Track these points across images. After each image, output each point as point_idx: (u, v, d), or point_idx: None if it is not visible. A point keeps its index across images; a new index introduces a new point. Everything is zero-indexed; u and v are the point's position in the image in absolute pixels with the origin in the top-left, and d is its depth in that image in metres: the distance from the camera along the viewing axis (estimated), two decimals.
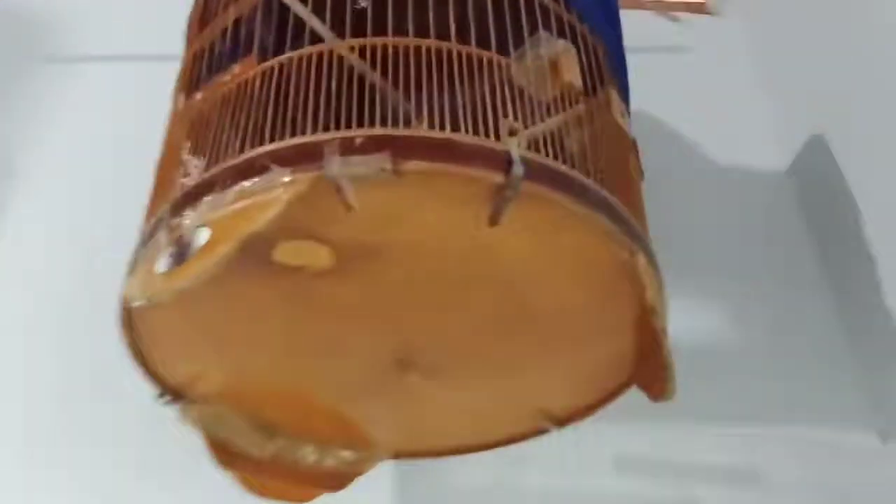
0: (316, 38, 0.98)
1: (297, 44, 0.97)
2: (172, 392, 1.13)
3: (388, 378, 1.10)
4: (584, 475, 1.43)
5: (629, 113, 1.17)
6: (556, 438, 1.29)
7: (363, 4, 1.22)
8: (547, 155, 0.90)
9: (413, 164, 0.82)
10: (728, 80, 2.13)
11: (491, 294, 0.98)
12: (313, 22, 0.98)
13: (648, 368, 1.07)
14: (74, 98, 1.98)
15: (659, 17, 2.32)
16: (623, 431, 1.46)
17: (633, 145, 1.11)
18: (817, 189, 1.82)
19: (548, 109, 0.98)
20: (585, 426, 1.27)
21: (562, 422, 1.22)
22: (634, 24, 2.13)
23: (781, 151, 1.96)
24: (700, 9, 2.38)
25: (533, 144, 0.90)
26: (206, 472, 1.21)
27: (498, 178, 0.84)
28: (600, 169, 0.96)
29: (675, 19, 2.31)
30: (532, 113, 0.95)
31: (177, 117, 1.05)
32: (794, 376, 1.57)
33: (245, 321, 1.02)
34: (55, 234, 1.75)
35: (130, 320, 0.98)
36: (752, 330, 1.66)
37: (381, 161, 0.82)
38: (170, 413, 1.15)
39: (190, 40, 1.15)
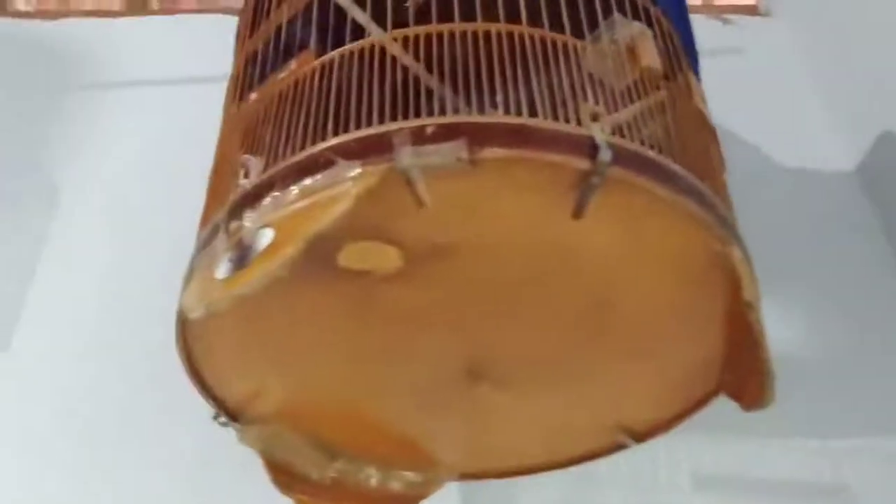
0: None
1: (356, 36, 0.92)
2: (230, 412, 1.07)
3: (456, 389, 1.03)
4: (660, 493, 1.34)
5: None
6: (630, 455, 1.21)
7: None
8: (632, 140, 0.83)
9: (490, 152, 0.76)
10: (783, 80, 2.06)
11: (570, 294, 0.91)
12: (356, 14, 0.92)
13: (739, 374, 0.99)
14: (115, 124, 1.95)
15: (710, 20, 2.26)
16: (699, 446, 1.37)
17: (714, 134, 1.03)
18: (883, 188, 1.74)
19: (628, 94, 0.91)
20: (659, 441, 1.19)
21: (641, 436, 1.14)
22: None
23: (847, 150, 1.87)
24: (751, 10, 2.31)
25: (616, 130, 0.83)
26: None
27: (583, 164, 0.77)
28: (685, 154, 0.88)
29: (726, 21, 2.25)
30: (612, 98, 0.88)
31: (229, 124, 1.00)
32: (868, 384, 1.48)
33: (306, 330, 0.95)
34: (104, 256, 1.71)
35: (186, 334, 0.92)
36: (828, 336, 1.57)
37: (456, 149, 0.75)
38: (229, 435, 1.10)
39: (240, 46, 1.11)
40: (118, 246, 1.71)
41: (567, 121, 0.81)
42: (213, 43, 2.04)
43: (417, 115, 0.80)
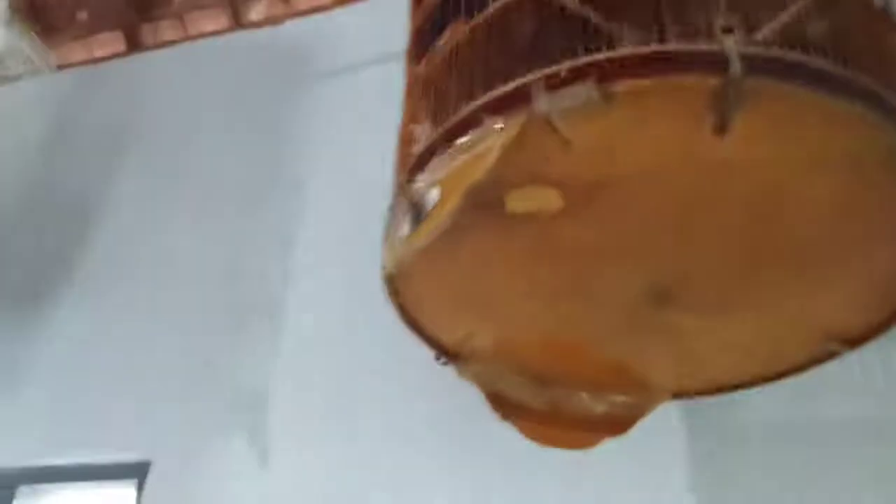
0: None
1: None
2: (449, 353, 1.20)
3: (646, 314, 1.08)
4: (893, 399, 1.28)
5: None
6: (857, 359, 1.17)
7: None
8: (780, 46, 0.82)
9: (619, 86, 0.80)
10: None
11: (739, 213, 0.92)
12: None
13: None
14: (344, 110, 2.16)
15: None
16: None
17: (891, 23, 0.96)
18: None
19: None
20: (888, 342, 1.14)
21: (855, 342, 1.10)
22: None
23: None
24: None
25: (754, 36, 0.82)
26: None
27: (713, 80, 0.78)
28: (850, 52, 0.85)
29: None
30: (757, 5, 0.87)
31: (407, 91, 1.11)
32: None
33: (496, 274, 1.05)
34: (346, 230, 1.93)
35: (395, 288, 1.06)
36: None
37: (586, 90, 0.80)
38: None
39: (412, 15, 1.21)
40: (364, 219, 1.90)
41: (699, 36, 0.81)
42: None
43: (554, 61, 0.85)
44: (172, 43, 2.62)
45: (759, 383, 1.20)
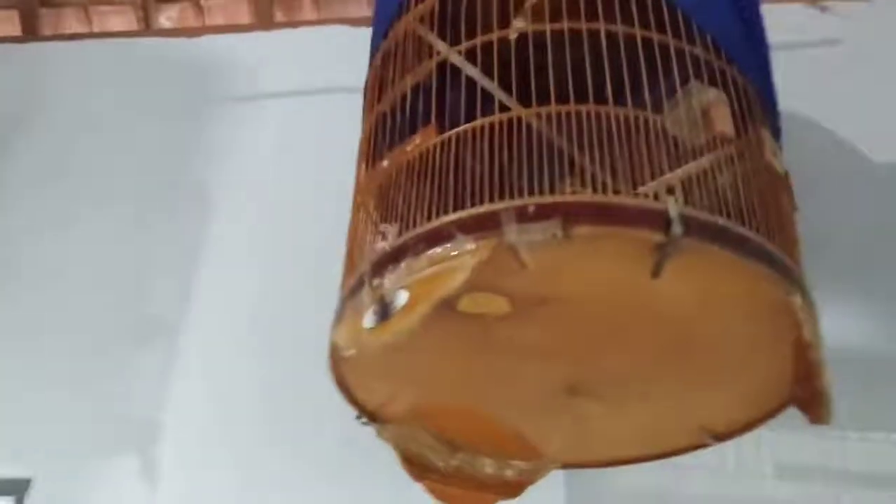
0: (491, 107, 1.09)
1: (472, 111, 1.09)
2: (370, 414, 1.30)
3: (558, 401, 1.22)
4: (744, 481, 1.50)
5: (781, 144, 1.22)
6: (718, 447, 1.37)
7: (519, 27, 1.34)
8: (704, 205, 0.98)
9: (580, 229, 0.93)
10: (882, 71, 2.07)
11: (654, 331, 1.08)
12: (497, 92, 1.10)
13: (807, 391, 1.13)
14: (257, 133, 2.19)
15: (807, 9, 2.28)
16: (782, 439, 1.52)
17: (786, 180, 1.16)
18: None
19: (701, 153, 1.06)
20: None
21: (722, 437, 1.30)
22: (782, 18, 2.14)
23: None
24: None
25: (690, 196, 0.98)
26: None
27: (658, 236, 0.93)
28: (754, 211, 1.03)
29: (824, 9, 2.27)
30: (687, 161, 1.03)
31: (364, 181, 1.20)
32: None
33: (434, 357, 1.16)
34: (248, 255, 1.97)
35: (337, 360, 1.14)
36: None
37: (552, 227, 0.93)
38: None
39: (369, 106, 1.30)
40: (267, 245, 1.95)
41: (646, 195, 0.96)
42: (333, 53, 2.28)
43: (521, 193, 0.98)
44: (76, 37, 2.54)
45: (640, 461, 1.37)
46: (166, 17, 2.62)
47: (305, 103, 2.22)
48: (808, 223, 1.26)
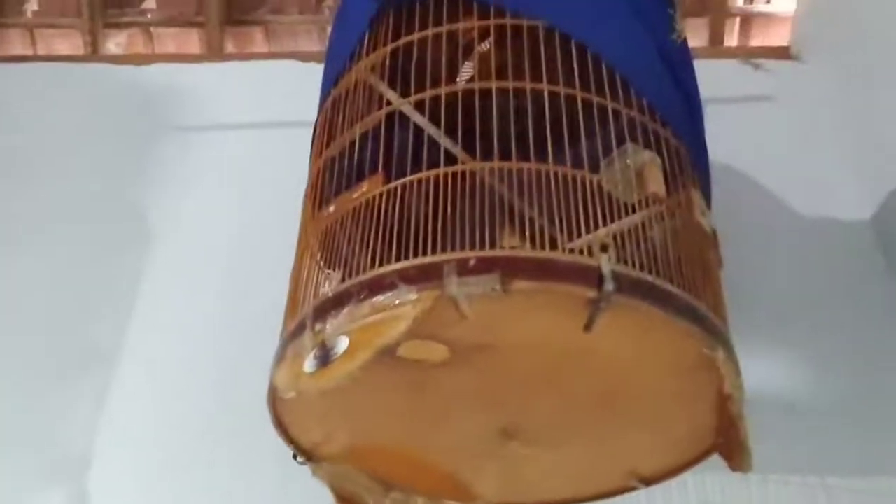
0: (437, 156, 1.13)
1: (419, 161, 1.13)
2: (306, 453, 1.31)
3: (493, 445, 1.25)
4: None
5: (710, 204, 1.29)
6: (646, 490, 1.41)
7: (467, 76, 1.39)
8: (635, 262, 1.03)
9: (518, 284, 0.97)
10: (811, 127, 2.18)
11: (586, 380, 1.12)
12: (449, 145, 1.14)
13: (728, 441, 1.19)
14: (200, 165, 2.19)
15: (742, 66, 2.39)
16: (708, 482, 1.57)
17: (714, 238, 1.22)
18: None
19: (634, 211, 1.11)
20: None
21: (649, 481, 1.34)
22: (717, 73, 2.25)
23: (865, 200, 2.01)
24: (783, 54, 2.44)
25: (622, 253, 1.03)
26: None
27: (591, 293, 0.98)
28: (682, 268, 1.08)
29: (757, 66, 2.38)
30: (621, 218, 1.09)
31: (310, 224, 1.23)
32: (879, 431, 1.64)
33: (371, 399, 1.18)
34: (191, 288, 1.96)
35: (276, 400, 1.16)
36: (834, 381, 1.73)
37: (491, 281, 0.97)
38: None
39: (317, 150, 1.32)
40: (209, 277, 1.95)
41: (581, 251, 1.01)
42: (283, 87, 2.31)
43: (463, 246, 1.01)
44: (20, 59, 2.51)
45: (571, 503, 1.41)
46: (115, 43, 2.61)
47: (253, 136, 2.24)
48: (735, 275, 1.32)
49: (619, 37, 1.25)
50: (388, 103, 1.26)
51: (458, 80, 1.41)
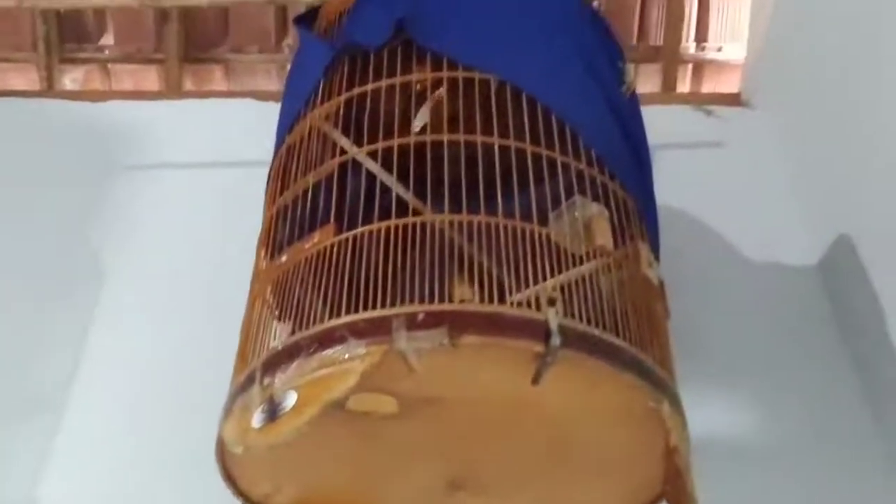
0: (388, 207, 1.14)
1: (370, 212, 1.14)
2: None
3: (441, 495, 1.25)
4: None
5: (658, 254, 1.31)
6: None
7: (420, 125, 1.41)
8: (582, 315, 1.04)
9: (467, 338, 0.98)
10: (761, 174, 2.22)
11: (536, 431, 1.13)
12: (406, 195, 1.15)
13: (675, 490, 1.20)
14: (156, 203, 2.17)
15: (694, 112, 2.44)
16: None
17: (661, 289, 1.24)
18: (844, 286, 1.92)
19: (581, 264, 1.13)
20: None
21: None
22: (668, 120, 2.30)
23: (812, 247, 2.05)
24: (734, 100, 2.50)
25: (569, 307, 1.04)
26: None
27: (538, 347, 0.99)
28: (629, 321, 1.10)
29: (709, 113, 2.43)
30: (568, 270, 1.10)
31: (261, 274, 1.22)
32: (826, 477, 1.66)
33: (320, 451, 1.17)
34: (142, 331, 1.93)
35: (224, 455, 1.14)
36: (781, 427, 1.76)
37: (440, 336, 0.98)
38: None
39: (271, 196, 1.33)
40: (161, 320, 1.92)
41: (529, 305, 1.02)
42: (241, 126, 2.30)
43: (413, 299, 1.02)
44: None
45: None
46: (71, 79, 2.59)
47: (209, 175, 2.22)
48: (683, 321, 1.34)
49: (570, 90, 1.28)
50: (343, 152, 1.27)
51: (412, 126, 1.42)
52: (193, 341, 1.83)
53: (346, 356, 0.99)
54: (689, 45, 2.54)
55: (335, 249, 1.12)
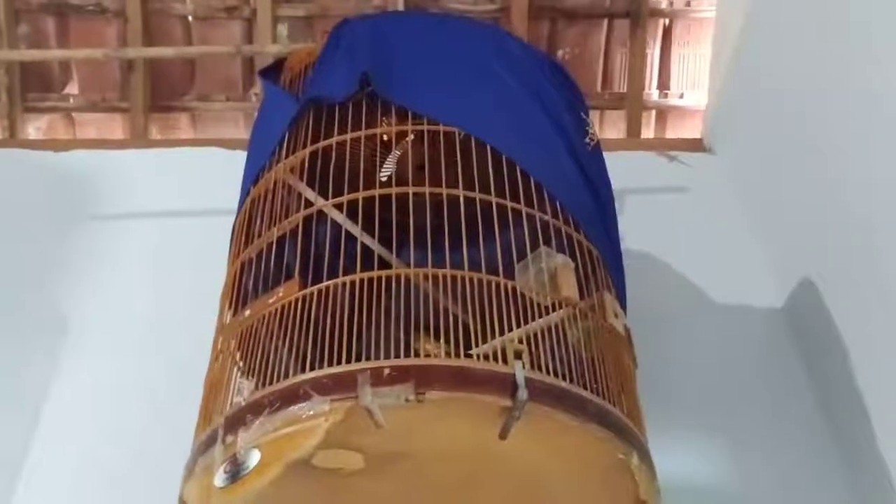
0: (354, 258, 1.13)
1: (336, 265, 1.13)
2: None
3: None
4: None
5: (624, 302, 1.32)
6: None
7: (386, 176, 1.41)
8: (549, 367, 1.04)
9: (433, 393, 0.97)
10: (724, 218, 2.26)
11: (502, 484, 1.12)
12: (365, 239, 1.14)
13: None
14: (121, 253, 2.15)
15: (658, 157, 2.48)
16: None
17: (627, 338, 1.25)
18: (809, 328, 1.94)
19: (548, 315, 1.13)
20: None
21: None
22: (634, 166, 2.33)
23: (777, 290, 2.07)
24: (697, 146, 2.55)
25: (536, 359, 1.04)
26: None
27: (505, 401, 0.98)
28: (595, 372, 1.10)
29: (672, 158, 2.47)
30: (534, 321, 1.10)
31: (225, 328, 1.21)
32: None
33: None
34: (105, 385, 1.89)
35: None
36: (750, 474, 1.75)
37: (405, 391, 0.97)
38: None
39: (235, 249, 1.32)
40: (124, 371, 1.88)
41: (496, 357, 1.01)
42: (207, 174, 2.29)
43: (378, 354, 1.01)
44: None
45: None
46: (34, 128, 2.57)
47: (174, 225, 2.20)
48: (650, 366, 1.35)
49: (534, 143, 1.29)
50: (309, 204, 1.27)
51: (378, 174, 1.43)
52: (157, 396, 1.80)
53: (311, 413, 0.97)
54: (651, 93, 2.58)
55: (299, 304, 1.11)
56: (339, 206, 1.24)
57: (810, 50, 1.93)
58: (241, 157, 1.57)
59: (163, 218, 2.24)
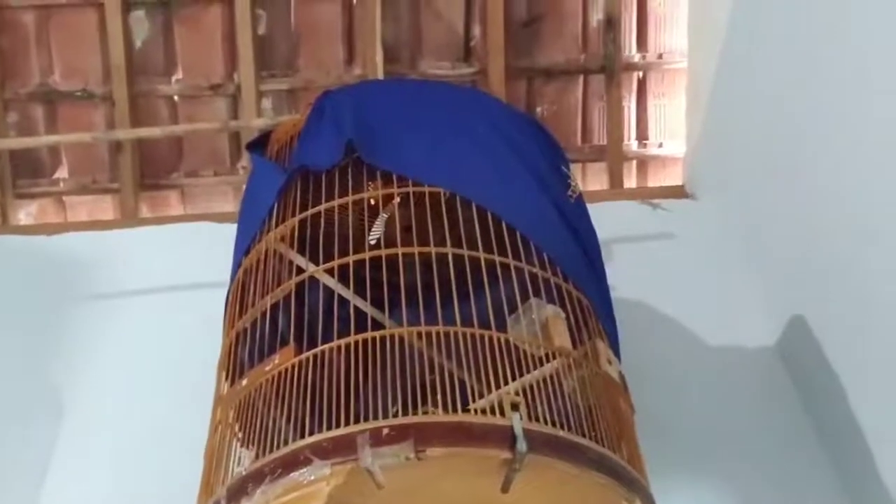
0: (347, 321, 1.15)
1: (330, 328, 1.14)
2: None
3: None
4: None
5: (617, 349, 1.33)
6: None
7: (375, 238, 1.43)
8: (546, 417, 1.05)
9: (433, 451, 0.97)
10: (711, 261, 2.28)
11: None
12: (357, 301, 1.16)
13: None
14: (115, 333, 2.15)
15: (641, 205, 2.52)
16: None
17: (623, 385, 1.26)
18: (802, 366, 1.95)
19: (542, 365, 1.14)
20: None
21: None
22: (618, 214, 2.37)
23: (768, 328, 2.09)
24: (679, 193, 2.59)
25: (533, 410, 1.05)
26: None
27: (505, 454, 0.98)
28: (593, 419, 1.11)
29: (655, 206, 2.51)
30: (529, 373, 1.11)
31: (222, 399, 1.21)
32: None
33: None
34: (103, 466, 1.88)
35: None
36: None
37: (405, 450, 0.97)
38: None
39: (230, 320, 1.33)
40: (123, 452, 1.88)
41: (493, 411, 1.02)
42: (199, 249, 2.31)
43: (376, 414, 1.02)
44: None
45: None
46: (26, 213, 2.59)
47: (168, 301, 2.21)
48: (648, 412, 1.35)
49: (518, 198, 1.32)
50: (300, 270, 1.29)
51: (367, 237, 1.45)
52: (156, 472, 1.79)
53: (312, 478, 0.97)
54: (631, 143, 2.64)
55: (296, 370, 1.12)
56: (330, 271, 1.25)
57: (781, 93, 1.99)
58: (231, 230, 1.59)
59: (156, 294, 2.25)
